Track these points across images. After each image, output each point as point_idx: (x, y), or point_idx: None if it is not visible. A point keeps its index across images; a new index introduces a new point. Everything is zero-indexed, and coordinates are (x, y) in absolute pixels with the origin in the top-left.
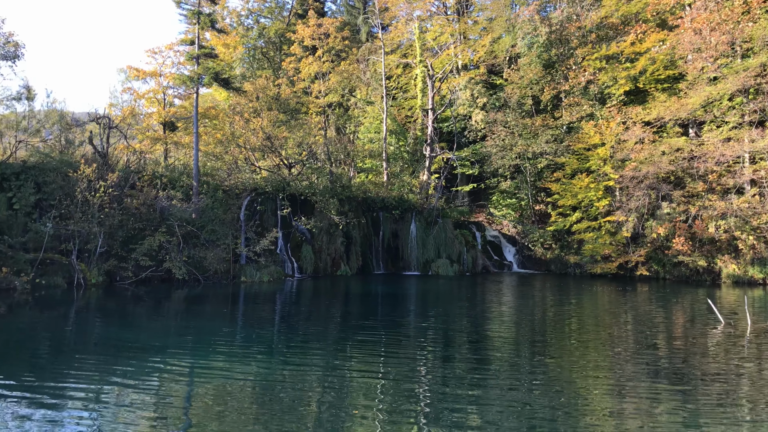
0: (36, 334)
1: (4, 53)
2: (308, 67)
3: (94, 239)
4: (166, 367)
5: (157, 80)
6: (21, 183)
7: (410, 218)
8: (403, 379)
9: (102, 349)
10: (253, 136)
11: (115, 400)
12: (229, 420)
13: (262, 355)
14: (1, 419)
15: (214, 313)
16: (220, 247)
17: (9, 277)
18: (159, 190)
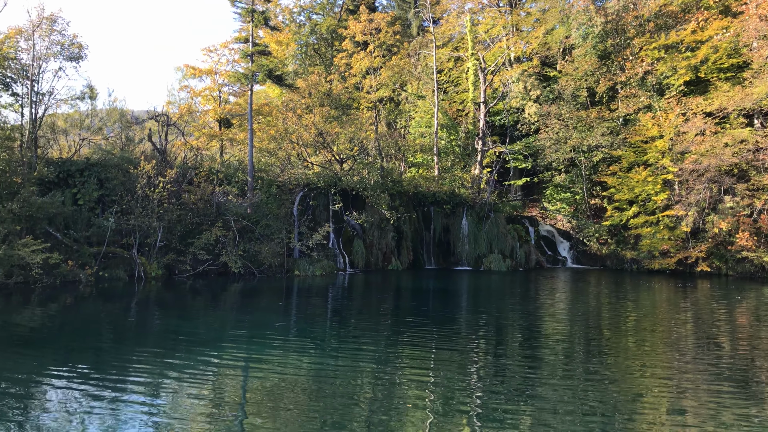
0: (99, 325)
1: (69, 54)
2: (359, 62)
3: (153, 233)
4: (222, 360)
5: (212, 78)
6: (85, 179)
7: (462, 213)
8: (455, 375)
9: (161, 341)
10: (306, 132)
11: (173, 391)
12: (283, 413)
13: (315, 349)
14: (66, 408)
15: (268, 306)
16: (274, 241)
17: (74, 269)
18: (215, 185)
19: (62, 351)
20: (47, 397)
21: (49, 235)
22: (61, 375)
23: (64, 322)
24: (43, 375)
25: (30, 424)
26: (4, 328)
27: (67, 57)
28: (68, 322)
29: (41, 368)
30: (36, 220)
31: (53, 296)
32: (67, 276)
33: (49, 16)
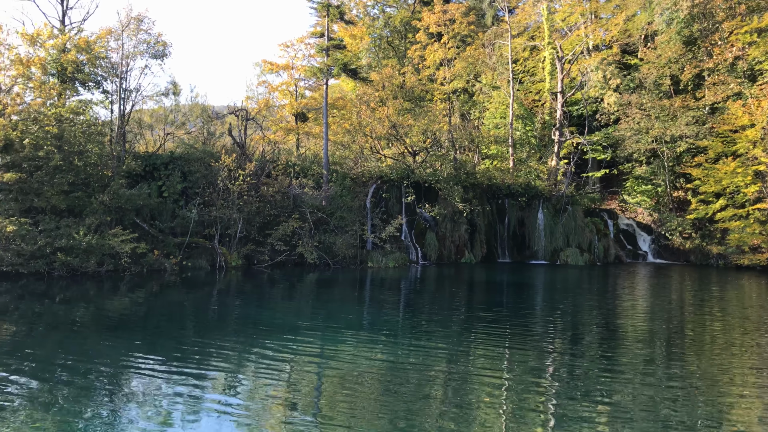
0: (183, 312)
1: (154, 52)
2: (433, 54)
3: (234, 225)
4: (298, 348)
5: (289, 73)
6: (169, 172)
7: (537, 205)
8: (527, 375)
9: (241, 329)
10: (379, 124)
11: (250, 379)
12: (357, 404)
13: (387, 342)
14: (149, 391)
15: (342, 297)
16: (348, 233)
17: (160, 259)
18: (292, 178)
19: (148, 336)
20: (133, 380)
21: (136, 226)
22: (146, 359)
23: (151, 309)
24: (130, 359)
25: (116, 407)
26: (97, 314)
27: (153, 55)
28: (154, 309)
29: (129, 352)
30: (125, 212)
31: (140, 284)
32: (154, 265)
33: (137, 17)
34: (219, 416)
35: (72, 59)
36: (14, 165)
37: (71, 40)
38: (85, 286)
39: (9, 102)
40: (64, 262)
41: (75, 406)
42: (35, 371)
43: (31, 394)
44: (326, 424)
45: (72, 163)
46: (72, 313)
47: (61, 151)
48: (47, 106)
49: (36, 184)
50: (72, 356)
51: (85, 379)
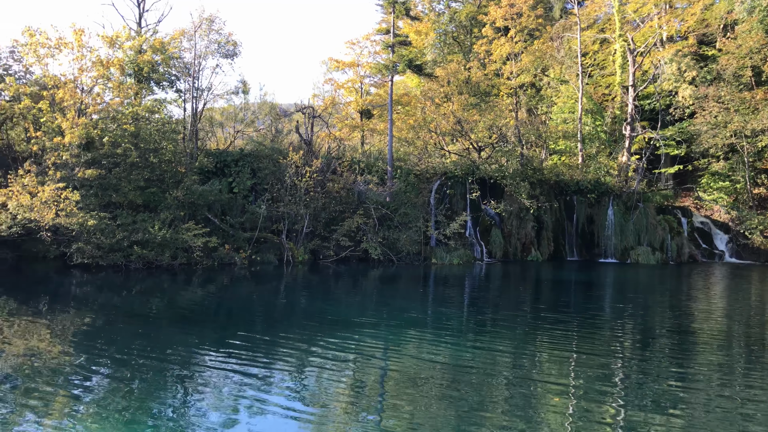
0: (252, 305)
1: (225, 52)
2: (500, 48)
3: (300, 220)
4: (362, 344)
5: (354, 70)
6: (239, 169)
7: (607, 202)
8: (595, 379)
9: (307, 322)
10: (444, 120)
11: (316, 372)
12: (420, 403)
13: (451, 339)
14: (219, 382)
15: (406, 292)
16: (411, 229)
17: (230, 253)
18: (357, 174)
19: (219, 328)
20: (203, 371)
21: (208, 221)
22: (217, 351)
23: (221, 301)
24: (201, 350)
25: (187, 397)
26: (171, 305)
27: (223, 54)
28: (225, 302)
29: (200, 343)
30: (197, 207)
31: (212, 277)
32: (224, 259)
33: (208, 17)
34: (284, 409)
35: (148, 60)
36: (95, 162)
37: (147, 42)
38: (159, 278)
39: (90, 102)
40: (140, 255)
41: (149, 396)
42: (114, 360)
43: (109, 383)
44: (388, 422)
45: (148, 160)
46: (147, 304)
47: (138, 148)
48: (125, 105)
49: (114, 180)
50: (147, 346)
51: (159, 369)
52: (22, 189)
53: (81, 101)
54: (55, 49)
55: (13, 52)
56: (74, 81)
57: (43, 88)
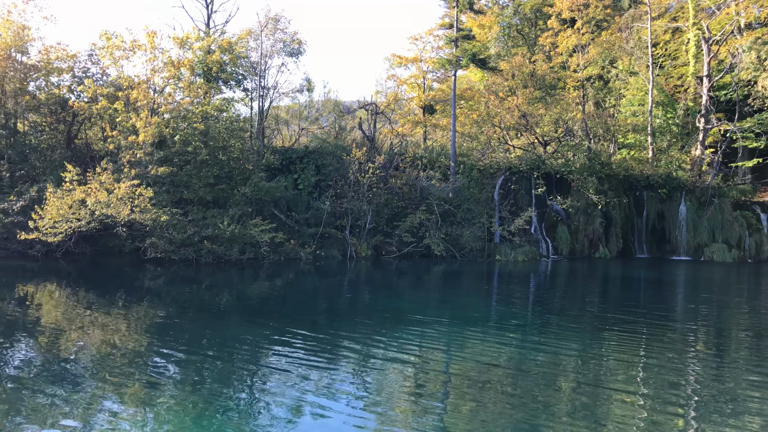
0: (317, 300)
1: (290, 50)
2: (566, 40)
3: (363, 216)
4: (425, 339)
5: (417, 65)
6: (304, 166)
7: (679, 198)
8: (668, 379)
9: (370, 317)
10: (508, 114)
11: (379, 366)
12: (482, 401)
13: (516, 337)
14: (285, 373)
15: (469, 289)
16: (475, 225)
17: (296, 248)
18: (419, 170)
19: (284, 322)
20: (270, 364)
21: (274, 217)
22: (282, 343)
23: (287, 295)
24: (268, 342)
25: (254, 388)
26: (240, 298)
27: (288, 53)
28: (290, 295)
29: (267, 336)
30: (264, 203)
31: (278, 272)
32: (290, 254)
33: (274, 17)
34: (348, 402)
35: (216, 60)
36: (167, 160)
37: (215, 42)
38: (228, 272)
39: (162, 101)
40: (210, 250)
41: (217, 388)
42: (185, 351)
43: (180, 374)
44: (448, 422)
45: (217, 158)
46: (217, 298)
47: (207, 146)
48: (195, 104)
49: (185, 177)
50: (216, 339)
51: (227, 361)
52: (100, 186)
53: (153, 101)
54: (129, 51)
55: (92, 55)
56: (147, 81)
57: (119, 89)
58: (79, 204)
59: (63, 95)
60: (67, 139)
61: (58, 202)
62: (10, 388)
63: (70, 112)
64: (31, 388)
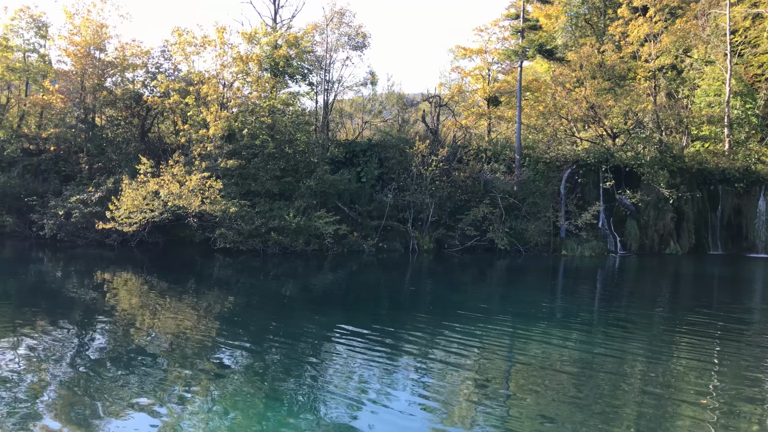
0: (379, 291)
1: (354, 44)
2: (637, 29)
3: (426, 209)
4: (487, 333)
5: (482, 57)
6: (367, 159)
7: (758, 192)
8: (742, 384)
9: (432, 310)
10: (576, 106)
11: (440, 360)
12: (546, 397)
13: (581, 334)
14: (346, 363)
15: (534, 284)
16: (540, 219)
17: (359, 240)
18: (483, 163)
19: (348, 312)
20: (333, 353)
21: (338, 209)
22: (345, 333)
23: (350, 287)
24: (331, 332)
25: (318, 376)
26: (304, 288)
27: (353, 46)
28: (353, 287)
29: (330, 326)
30: (328, 196)
31: (341, 263)
32: (353, 246)
33: (339, 11)
34: (408, 396)
35: (283, 54)
36: (235, 153)
37: (282, 37)
38: (293, 263)
39: (230, 96)
40: (276, 241)
41: (282, 375)
42: (250, 340)
43: (246, 361)
44: (510, 418)
45: (283, 151)
46: (282, 287)
47: (274, 139)
48: (262, 98)
49: (253, 170)
50: (281, 328)
51: (292, 349)
52: (172, 178)
53: (223, 95)
54: (200, 47)
55: (164, 51)
56: (216, 76)
57: (189, 83)
58: (152, 195)
59: (137, 90)
60: (141, 133)
61: (133, 193)
62: (86, 371)
63: (144, 106)
64: (105, 372)
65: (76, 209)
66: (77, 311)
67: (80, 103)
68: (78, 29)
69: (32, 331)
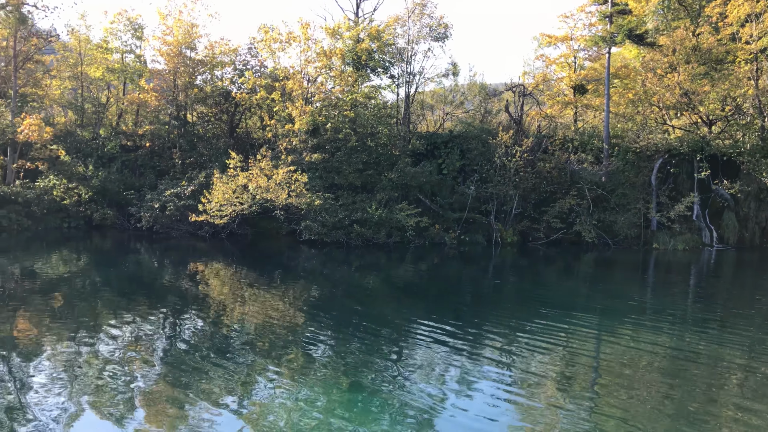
0: (461, 284)
1: (436, 35)
2: (737, 9)
3: (509, 201)
4: (572, 330)
5: (568, 44)
6: (449, 150)
7: None
8: None
9: (515, 303)
10: (668, 92)
11: (525, 354)
12: (635, 395)
13: (673, 331)
14: (429, 357)
15: (623, 278)
16: (630, 211)
17: (440, 233)
18: (569, 153)
19: (429, 305)
20: (414, 345)
21: (419, 202)
22: (426, 326)
23: (432, 279)
24: (412, 324)
25: (398, 367)
26: (386, 280)
27: (435, 38)
28: (435, 279)
29: (411, 318)
30: (409, 188)
31: (423, 256)
32: (434, 238)
33: (421, 2)
34: (490, 390)
35: (365, 48)
36: (319, 147)
37: (364, 30)
38: (376, 255)
39: (314, 90)
40: (359, 233)
41: (365, 365)
42: (334, 329)
43: (330, 350)
44: (599, 413)
45: (365, 144)
46: (365, 279)
47: (356, 133)
48: (344, 92)
49: (336, 163)
50: (365, 319)
51: (375, 340)
52: (260, 172)
53: (307, 90)
54: (285, 43)
55: (251, 49)
56: (301, 72)
57: (275, 79)
58: (241, 189)
59: (226, 87)
60: (230, 128)
61: (223, 187)
62: (178, 357)
63: (232, 102)
64: (196, 359)
65: (170, 202)
66: (172, 300)
67: (173, 101)
68: (170, 30)
69: (130, 317)
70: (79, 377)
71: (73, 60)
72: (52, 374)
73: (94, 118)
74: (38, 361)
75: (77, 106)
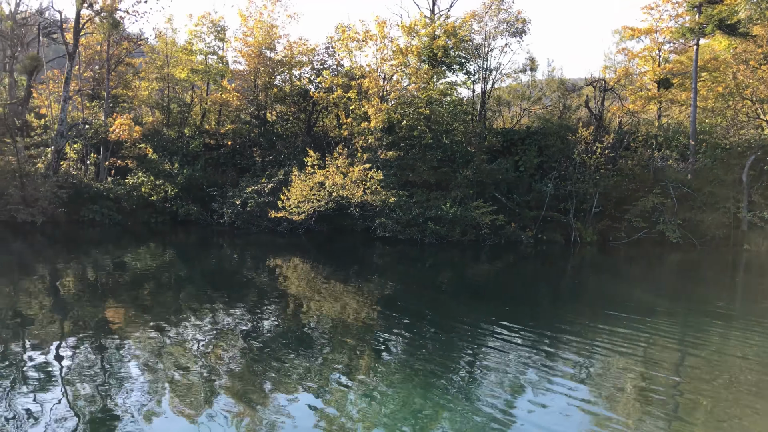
0: (538, 284)
1: (513, 30)
2: None
3: (589, 199)
4: (655, 334)
5: (651, 37)
6: (526, 147)
7: None
8: None
9: (594, 305)
10: (762, 85)
11: (603, 357)
12: (719, 408)
13: (765, 342)
14: (503, 358)
15: (710, 281)
16: (718, 210)
17: (516, 231)
18: (653, 150)
19: (505, 304)
20: (488, 345)
21: (495, 199)
22: (501, 326)
23: (508, 278)
24: (486, 323)
25: (472, 369)
26: (461, 279)
27: (512, 33)
28: (511, 279)
29: (486, 317)
30: (485, 185)
31: (498, 254)
32: (510, 237)
33: None
34: (567, 397)
35: (441, 44)
36: (394, 144)
37: (440, 27)
38: (450, 253)
39: (389, 88)
40: (434, 231)
41: (438, 366)
42: (408, 327)
43: (403, 347)
44: (680, 427)
45: (440, 141)
46: (439, 276)
47: (431, 130)
48: (420, 90)
49: (411, 160)
50: (438, 317)
51: (448, 339)
52: (336, 170)
53: (383, 88)
54: (362, 42)
55: (328, 48)
56: (377, 70)
57: (352, 78)
58: (318, 186)
59: (304, 86)
60: (307, 127)
61: (301, 184)
62: (256, 350)
63: (310, 101)
64: (273, 352)
65: (251, 199)
66: (251, 293)
67: (253, 101)
68: (251, 31)
69: (211, 311)
70: (159, 368)
71: (160, 62)
72: (135, 363)
73: (179, 117)
74: (124, 350)
75: (164, 106)
